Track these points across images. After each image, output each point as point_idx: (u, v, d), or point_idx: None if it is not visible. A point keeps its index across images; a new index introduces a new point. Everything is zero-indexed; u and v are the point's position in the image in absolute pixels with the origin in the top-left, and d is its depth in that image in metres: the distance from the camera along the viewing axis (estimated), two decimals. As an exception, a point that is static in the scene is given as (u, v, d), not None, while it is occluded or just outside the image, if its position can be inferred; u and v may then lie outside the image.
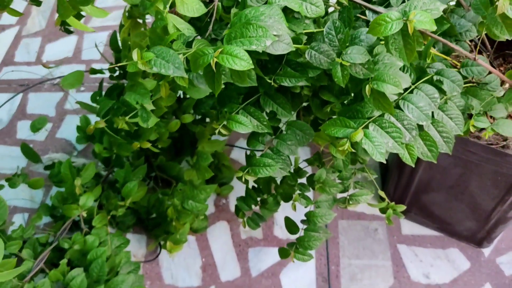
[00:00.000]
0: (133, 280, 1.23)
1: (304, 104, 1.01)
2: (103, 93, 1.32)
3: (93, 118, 1.69)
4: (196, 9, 0.89)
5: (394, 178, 1.40)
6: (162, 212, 1.34)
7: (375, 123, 0.80)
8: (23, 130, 1.73)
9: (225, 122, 0.90)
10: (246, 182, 0.95)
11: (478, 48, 0.96)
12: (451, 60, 0.96)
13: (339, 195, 1.12)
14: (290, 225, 1.13)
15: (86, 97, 1.82)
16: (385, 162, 0.78)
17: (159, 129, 1.02)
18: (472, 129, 0.88)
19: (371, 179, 1.11)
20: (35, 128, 1.43)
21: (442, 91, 0.86)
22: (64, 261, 1.24)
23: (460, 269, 1.42)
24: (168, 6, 0.88)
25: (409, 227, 1.50)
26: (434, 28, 0.67)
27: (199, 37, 0.87)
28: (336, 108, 0.89)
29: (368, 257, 1.44)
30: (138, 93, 0.89)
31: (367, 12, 0.83)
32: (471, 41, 1.06)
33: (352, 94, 0.89)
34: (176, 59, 0.71)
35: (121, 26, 1.12)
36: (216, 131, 0.92)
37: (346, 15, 0.84)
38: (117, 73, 1.25)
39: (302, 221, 1.12)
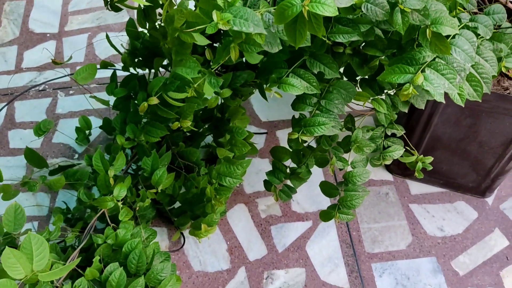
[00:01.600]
0: (170, 269, 1.22)
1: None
2: (118, 85, 1.31)
3: (92, 119, 1.65)
4: None
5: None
6: (188, 198, 1.34)
7: (431, 67, 0.86)
8: (15, 139, 1.66)
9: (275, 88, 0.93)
10: (300, 142, 0.98)
11: None
12: (469, 10, 1.05)
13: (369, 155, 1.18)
14: (329, 189, 1.17)
15: (76, 100, 1.77)
16: (444, 102, 0.84)
17: (198, 105, 1.02)
18: (504, 70, 0.97)
19: (400, 135, 1.17)
20: (40, 131, 1.38)
21: (476, 35, 0.94)
22: (97, 258, 1.21)
23: (469, 218, 1.52)
24: None
25: (417, 187, 1.58)
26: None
27: None
28: (384, 61, 0.95)
29: (384, 219, 1.51)
30: (189, 67, 0.91)
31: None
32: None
33: (395, 48, 0.95)
34: (254, 17, 0.73)
35: (141, 13, 1.12)
36: (271, 95, 0.94)
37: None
38: (136, 61, 1.24)
39: (339, 184, 1.17)
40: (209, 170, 1.22)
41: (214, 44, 1.12)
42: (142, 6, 1.14)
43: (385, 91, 1.03)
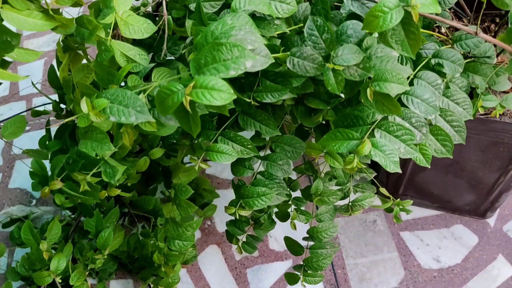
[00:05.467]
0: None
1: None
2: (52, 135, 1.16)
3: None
4: (144, 28, 0.75)
5: (386, 165, 1.30)
6: (146, 254, 1.20)
7: (381, 128, 0.68)
8: (-32, 188, 1.54)
9: (202, 155, 0.77)
10: (241, 217, 0.83)
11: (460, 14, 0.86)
12: (437, 35, 0.86)
13: (339, 202, 1.01)
14: (293, 246, 1.02)
15: (34, 138, 1.63)
16: (400, 172, 0.67)
17: (127, 171, 0.87)
18: (481, 110, 0.79)
19: (370, 179, 1.00)
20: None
21: (442, 75, 0.75)
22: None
23: (469, 245, 1.35)
24: (110, 31, 0.74)
25: (408, 211, 1.41)
26: (439, 10, 0.56)
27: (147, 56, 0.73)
28: (328, 116, 0.77)
29: (372, 252, 1.35)
30: (95, 140, 0.75)
31: (345, 1, 0.71)
32: (450, 9, 0.96)
33: (343, 97, 0.78)
34: (136, 102, 0.57)
35: (58, 60, 0.96)
36: (196, 167, 0.79)
37: (321, 7, 0.72)
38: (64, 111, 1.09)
39: (305, 239, 1.01)
40: (153, 229, 1.07)
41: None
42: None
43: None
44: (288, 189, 0.82)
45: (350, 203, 0.99)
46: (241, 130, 0.84)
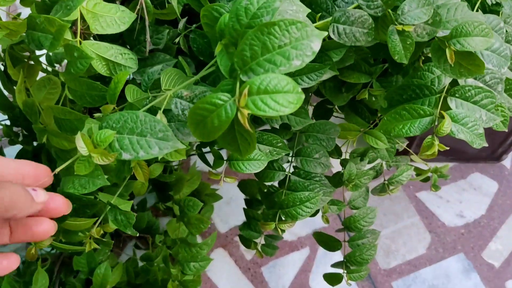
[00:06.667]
0: None
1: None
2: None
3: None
4: (118, 19, 0.57)
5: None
6: (153, 280, 1.03)
7: (455, 95, 0.54)
8: None
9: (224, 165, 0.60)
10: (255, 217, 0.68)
11: None
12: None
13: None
14: (328, 242, 0.87)
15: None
16: (487, 145, 0.53)
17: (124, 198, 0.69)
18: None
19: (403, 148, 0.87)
20: None
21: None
22: None
23: (490, 193, 1.26)
24: (78, 30, 0.55)
25: (420, 169, 1.30)
26: None
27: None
28: (374, 90, 0.62)
29: (393, 222, 1.24)
30: (91, 176, 0.55)
31: None
32: None
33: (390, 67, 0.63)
34: (155, 126, 0.40)
35: (3, 77, 0.75)
36: (220, 183, 0.62)
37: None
38: (21, 137, 0.89)
39: (339, 230, 0.88)
40: (164, 261, 0.90)
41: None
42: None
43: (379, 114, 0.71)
44: (331, 186, 0.68)
45: (386, 182, 0.85)
46: (260, 125, 0.67)
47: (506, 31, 0.61)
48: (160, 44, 0.67)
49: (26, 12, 0.59)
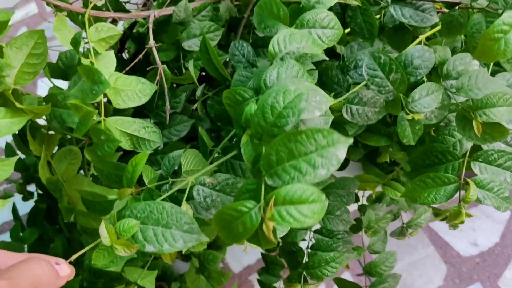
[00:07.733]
0: None
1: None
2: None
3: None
4: (139, 91, 0.57)
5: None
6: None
7: (478, 160, 0.54)
8: None
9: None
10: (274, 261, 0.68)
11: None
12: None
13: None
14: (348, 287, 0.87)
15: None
16: (513, 207, 0.53)
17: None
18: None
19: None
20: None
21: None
22: None
23: (502, 220, 1.26)
24: (102, 109, 0.55)
25: (431, 199, 1.30)
26: None
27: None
28: (395, 154, 0.62)
29: (408, 253, 1.24)
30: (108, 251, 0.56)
31: (395, 9, 0.55)
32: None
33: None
34: (181, 218, 0.41)
35: (18, 140, 0.75)
36: (245, 249, 0.62)
37: (361, 21, 0.56)
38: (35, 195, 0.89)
39: (359, 275, 0.88)
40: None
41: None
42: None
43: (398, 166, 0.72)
44: (353, 243, 0.68)
45: (405, 225, 0.85)
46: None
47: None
48: (178, 108, 0.67)
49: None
